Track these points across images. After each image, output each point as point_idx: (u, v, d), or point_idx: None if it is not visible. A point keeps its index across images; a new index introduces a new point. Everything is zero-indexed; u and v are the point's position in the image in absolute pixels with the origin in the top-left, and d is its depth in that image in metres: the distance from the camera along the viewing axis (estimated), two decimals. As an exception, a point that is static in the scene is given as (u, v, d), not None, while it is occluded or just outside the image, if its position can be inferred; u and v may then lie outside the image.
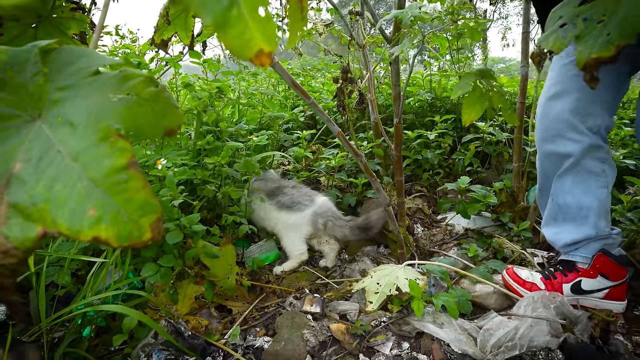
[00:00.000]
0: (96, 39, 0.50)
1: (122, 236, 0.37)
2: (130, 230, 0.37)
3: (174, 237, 1.09)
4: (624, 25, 0.46)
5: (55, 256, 1.10)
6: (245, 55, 0.28)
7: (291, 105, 3.09)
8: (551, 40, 0.56)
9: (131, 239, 0.37)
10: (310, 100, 0.99)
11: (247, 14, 0.30)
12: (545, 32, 0.58)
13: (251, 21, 0.28)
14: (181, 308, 1.21)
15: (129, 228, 0.37)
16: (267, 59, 0.28)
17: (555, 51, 0.55)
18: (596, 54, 0.45)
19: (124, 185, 0.38)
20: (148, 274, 1.10)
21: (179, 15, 1.20)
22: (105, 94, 0.43)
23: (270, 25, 0.29)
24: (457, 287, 1.25)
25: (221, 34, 0.29)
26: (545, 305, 1.06)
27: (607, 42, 0.46)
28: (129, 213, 0.37)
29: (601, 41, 0.46)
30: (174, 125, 0.43)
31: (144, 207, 0.38)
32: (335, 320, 1.23)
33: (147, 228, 0.37)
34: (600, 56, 0.45)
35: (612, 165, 1.22)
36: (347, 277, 1.51)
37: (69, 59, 0.46)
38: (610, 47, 0.45)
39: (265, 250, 1.62)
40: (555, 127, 1.22)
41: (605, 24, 0.47)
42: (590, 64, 0.46)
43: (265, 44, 0.28)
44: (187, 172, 1.12)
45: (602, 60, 0.46)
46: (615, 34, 0.45)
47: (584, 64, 0.46)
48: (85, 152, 0.39)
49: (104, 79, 0.44)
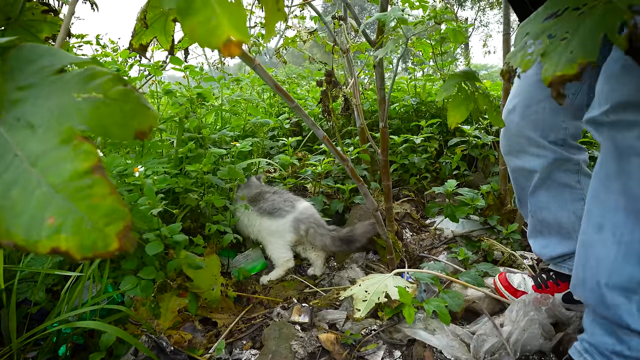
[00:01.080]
0: (62, 36, 0.47)
1: (84, 246, 0.33)
2: (94, 239, 0.33)
3: (154, 247, 1.05)
4: (586, 43, 0.46)
5: (28, 271, 1.05)
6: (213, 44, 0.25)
7: (276, 112, 3.06)
8: (519, 57, 0.56)
9: (95, 249, 0.33)
10: (294, 104, 0.97)
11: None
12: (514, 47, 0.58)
13: (218, 7, 0.25)
14: (164, 322, 1.16)
15: (93, 237, 0.33)
16: (236, 48, 0.26)
17: (523, 69, 0.55)
18: (561, 72, 0.46)
19: (88, 191, 0.35)
20: (127, 287, 1.05)
21: (157, 19, 1.16)
22: (69, 94, 0.40)
23: (240, 11, 0.26)
24: (449, 290, 1.22)
25: (185, 21, 0.26)
26: (537, 308, 1.04)
27: (570, 60, 0.46)
28: (94, 221, 0.34)
29: (565, 59, 0.46)
30: (145, 127, 0.40)
31: (110, 214, 0.34)
32: (324, 330, 1.20)
33: (114, 237, 0.33)
34: (564, 74, 0.45)
35: (588, 172, 1.16)
36: (335, 285, 1.48)
37: (31, 56, 0.43)
38: (574, 65, 0.45)
39: (252, 260, 1.58)
40: (517, 142, 1.18)
41: (568, 41, 0.48)
42: (556, 81, 0.46)
43: (235, 32, 0.25)
44: (168, 180, 1.08)
45: (566, 78, 0.46)
46: (579, 52, 0.46)
47: (550, 82, 0.46)
48: (45, 155, 0.35)
49: (67, 77, 0.41)
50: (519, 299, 1.11)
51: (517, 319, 1.04)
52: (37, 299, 1.08)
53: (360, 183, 1.20)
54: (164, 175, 1.09)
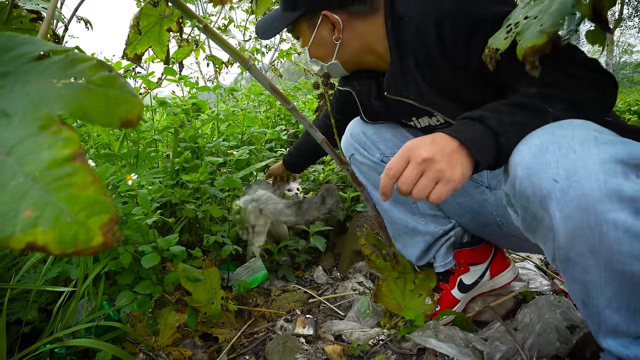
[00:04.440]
0: (45, 29, 0.45)
1: (64, 241, 0.30)
2: (74, 233, 0.30)
3: (151, 260, 1.00)
4: (555, 16, 0.49)
5: (20, 289, 1.00)
6: None
7: (272, 124, 3.05)
8: (499, 39, 0.59)
9: (76, 244, 0.30)
10: (291, 106, 0.94)
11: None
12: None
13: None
14: (162, 339, 1.11)
15: (74, 231, 0.30)
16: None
17: (501, 49, 0.59)
18: (532, 43, 0.49)
19: (68, 180, 0.31)
20: (123, 302, 1.01)
21: (151, 28, 1.14)
22: (48, 80, 0.37)
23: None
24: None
25: None
26: (551, 310, 1.00)
27: (540, 31, 0.49)
28: (74, 213, 0.30)
29: (536, 31, 0.49)
30: (132, 116, 0.37)
31: (92, 205, 0.31)
32: (330, 342, 1.15)
33: (97, 231, 0.30)
34: (535, 44, 0.48)
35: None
36: (339, 294, 1.43)
37: (9, 44, 0.40)
38: (543, 35, 0.48)
39: (253, 272, 1.53)
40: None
41: (540, 17, 0.51)
42: (528, 52, 0.49)
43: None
44: (163, 190, 1.05)
45: (537, 48, 0.49)
46: (547, 24, 0.49)
47: (523, 54, 0.49)
48: (21, 143, 0.32)
49: (47, 63, 0.38)
50: (532, 302, 1.06)
51: (531, 322, 1.00)
52: (29, 318, 1.04)
53: (361, 188, 1.17)
54: (160, 186, 1.06)
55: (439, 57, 0.91)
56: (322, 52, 1.07)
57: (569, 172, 0.63)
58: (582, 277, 0.66)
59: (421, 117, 1.12)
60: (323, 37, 1.04)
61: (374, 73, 1.13)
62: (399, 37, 0.96)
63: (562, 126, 0.69)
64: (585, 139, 0.65)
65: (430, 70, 0.95)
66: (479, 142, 0.73)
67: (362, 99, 1.18)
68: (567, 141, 0.66)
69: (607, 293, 0.65)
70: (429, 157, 0.72)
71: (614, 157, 0.62)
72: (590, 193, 0.61)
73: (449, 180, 0.71)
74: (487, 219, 1.09)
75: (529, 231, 0.76)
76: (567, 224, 0.63)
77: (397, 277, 1.21)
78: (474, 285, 1.19)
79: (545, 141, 0.68)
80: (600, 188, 0.60)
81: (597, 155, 0.62)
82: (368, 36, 1.02)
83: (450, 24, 0.87)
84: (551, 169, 0.65)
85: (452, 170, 0.71)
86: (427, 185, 0.72)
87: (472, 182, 1.10)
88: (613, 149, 0.63)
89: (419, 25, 0.91)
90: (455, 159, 0.72)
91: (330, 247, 1.81)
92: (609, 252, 0.61)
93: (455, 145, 0.73)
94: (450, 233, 1.19)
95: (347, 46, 1.04)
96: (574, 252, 0.64)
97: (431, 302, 1.17)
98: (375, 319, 1.23)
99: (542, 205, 0.67)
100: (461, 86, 0.94)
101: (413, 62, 0.96)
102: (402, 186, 0.74)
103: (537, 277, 1.36)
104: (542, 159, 0.67)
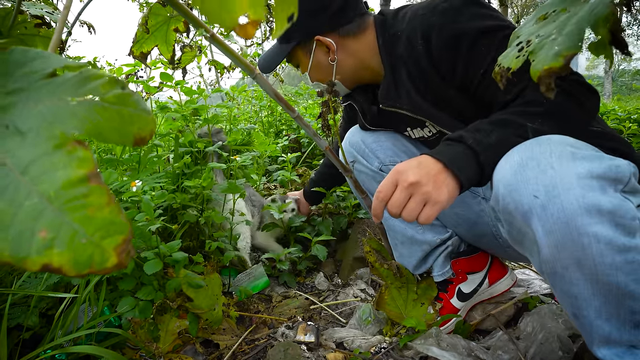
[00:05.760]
0: (56, 41, 0.44)
1: (79, 262, 0.30)
2: (90, 254, 0.30)
3: (153, 266, 1.00)
4: (571, 38, 0.49)
5: (21, 294, 1.00)
6: (227, 23, 0.23)
7: (274, 130, 3.05)
8: (510, 57, 0.59)
9: (91, 265, 0.30)
10: (295, 114, 0.94)
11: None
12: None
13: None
14: (163, 345, 1.10)
15: (89, 252, 0.30)
16: (252, 28, 0.23)
17: (513, 67, 0.59)
18: (548, 65, 0.48)
19: (83, 201, 0.31)
20: (125, 308, 1.01)
21: (159, 27, 1.15)
22: (62, 97, 0.37)
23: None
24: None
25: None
26: (553, 319, 1.00)
27: (556, 54, 0.48)
28: (90, 234, 0.30)
29: (552, 53, 0.49)
30: (145, 133, 0.37)
31: (107, 226, 0.31)
32: (331, 349, 1.15)
33: (112, 252, 0.30)
34: (551, 67, 0.48)
35: None
36: (341, 301, 1.43)
37: (22, 60, 0.40)
38: (560, 58, 0.47)
39: (254, 278, 1.53)
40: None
41: (554, 39, 0.51)
42: (544, 75, 0.48)
43: (252, 10, 0.22)
44: (166, 196, 1.05)
45: (553, 71, 0.48)
46: (563, 46, 0.48)
47: (538, 76, 0.49)
48: (35, 162, 0.32)
49: (60, 80, 0.38)
50: (534, 310, 1.07)
51: (533, 331, 1.00)
52: (30, 324, 1.03)
53: (364, 195, 1.17)
54: (162, 191, 1.06)
55: (428, 70, 0.95)
56: (321, 74, 1.13)
57: (548, 188, 0.65)
58: (570, 290, 0.67)
59: (415, 128, 1.15)
60: (320, 61, 1.10)
61: (371, 86, 1.17)
62: (391, 51, 1.02)
63: (540, 142, 0.71)
64: (563, 155, 0.67)
65: (421, 82, 0.99)
66: (459, 163, 0.76)
67: (363, 107, 1.20)
68: (545, 157, 0.68)
69: (596, 304, 0.66)
70: (416, 180, 0.74)
71: (591, 172, 0.64)
72: (569, 208, 0.63)
73: (436, 201, 0.74)
74: (483, 229, 1.10)
75: (516, 244, 0.78)
76: (550, 238, 0.65)
77: (400, 287, 1.21)
78: (472, 293, 1.20)
79: (524, 158, 0.70)
80: (579, 202, 0.62)
81: (575, 171, 0.64)
82: (361, 53, 1.07)
83: (436, 38, 0.91)
84: (531, 185, 0.67)
85: (438, 191, 0.74)
86: (415, 207, 0.75)
87: (470, 193, 1.11)
88: (590, 165, 0.65)
89: (409, 39, 0.96)
90: (441, 180, 0.75)
91: (332, 253, 1.81)
92: (593, 264, 0.63)
93: (439, 167, 0.76)
94: (448, 242, 1.19)
95: (343, 65, 1.09)
96: (559, 265, 0.66)
97: (433, 311, 1.17)
98: (377, 326, 1.23)
99: (524, 221, 0.69)
100: (452, 97, 0.97)
101: (405, 75, 1.00)
102: (391, 209, 0.77)
103: (536, 281, 1.37)
104: (522, 175, 0.69)
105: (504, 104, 0.86)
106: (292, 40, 1.10)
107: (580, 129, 0.78)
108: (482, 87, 0.91)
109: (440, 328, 1.11)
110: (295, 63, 1.17)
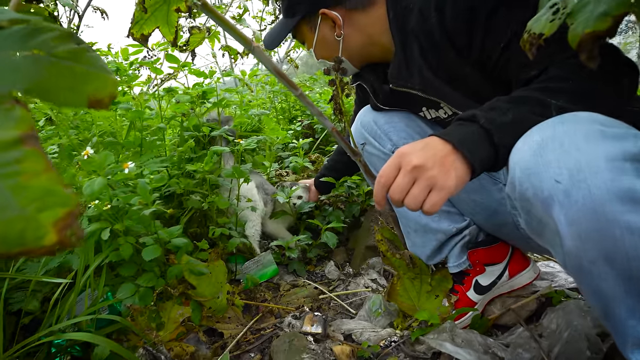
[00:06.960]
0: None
1: (9, 239, 0.24)
2: (22, 229, 0.24)
3: (152, 252, 0.96)
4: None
5: (20, 279, 0.98)
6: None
7: (288, 117, 2.99)
8: (542, 21, 0.49)
9: (23, 243, 0.24)
10: (298, 92, 0.87)
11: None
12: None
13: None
14: (165, 333, 1.07)
15: (20, 227, 0.24)
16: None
17: (547, 33, 0.49)
18: (591, 28, 0.41)
19: (17, 167, 0.26)
20: (124, 294, 0.98)
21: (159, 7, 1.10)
22: (6, 51, 0.32)
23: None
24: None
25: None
26: (580, 316, 0.92)
27: (602, 14, 0.41)
28: (22, 205, 0.24)
29: (597, 13, 0.42)
30: (103, 95, 0.32)
31: (44, 197, 0.25)
32: (339, 342, 1.09)
33: (50, 227, 0.24)
34: (595, 30, 0.40)
35: None
36: (351, 291, 1.37)
37: (-38, 13, 0.35)
38: (607, 18, 0.40)
39: (262, 266, 1.49)
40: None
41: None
42: (586, 39, 0.41)
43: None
44: (166, 179, 1.00)
45: (597, 34, 0.41)
46: (612, 3, 0.41)
47: (578, 42, 0.42)
48: (-35, 123, 0.27)
49: (6, 34, 0.33)
50: (559, 306, 0.98)
51: (558, 329, 0.91)
52: (30, 309, 1.02)
53: (373, 180, 1.10)
54: (162, 175, 1.02)
55: (442, 44, 0.87)
56: (327, 51, 1.06)
57: (572, 172, 0.57)
58: (598, 286, 0.59)
59: (430, 109, 1.08)
60: (325, 36, 1.04)
61: (381, 65, 1.09)
62: (402, 26, 0.94)
63: (565, 120, 0.62)
64: (590, 134, 0.58)
65: (434, 58, 0.91)
66: (470, 144, 0.67)
67: (374, 85, 1.12)
68: (569, 137, 0.59)
69: (629, 302, 0.58)
70: (420, 163, 0.67)
71: (623, 153, 0.55)
72: (597, 194, 0.54)
73: (442, 187, 0.66)
74: (504, 218, 1.01)
75: (535, 235, 0.69)
76: (574, 228, 0.57)
77: (413, 278, 1.14)
78: (491, 286, 1.11)
79: (545, 137, 0.61)
80: (609, 187, 0.54)
81: (604, 152, 0.56)
82: (369, 28, 1.00)
83: (450, 8, 0.84)
84: (552, 168, 0.59)
85: (445, 176, 0.66)
86: (419, 194, 0.67)
87: (490, 179, 1.03)
88: (622, 144, 0.56)
89: (421, 11, 0.88)
90: (449, 163, 0.67)
91: (344, 242, 1.75)
92: (625, 258, 0.54)
93: (448, 148, 0.68)
94: (465, 232, 1.11)
95: (350, 41, 1.02)
96: (586, 259, 0.58)
97: (448, 304, 1.09)
98: (388, 318, 1.16)
99: (544, 209, 0.60)
100: (467, 74, 0.89)
101: (417, 51, 0.92)
102: (393, 195, 0.70)
103: (561, 274, 1.27)
104: (542, 157, 0.60)
105: (525, 81, 0.77)
106: (297, 14, 1.03)
107: (615, 109, 0.68)
108: (502, 63, 0.81)
109: (455, 322, 1.04)
110: (301, 39, 1.10)
